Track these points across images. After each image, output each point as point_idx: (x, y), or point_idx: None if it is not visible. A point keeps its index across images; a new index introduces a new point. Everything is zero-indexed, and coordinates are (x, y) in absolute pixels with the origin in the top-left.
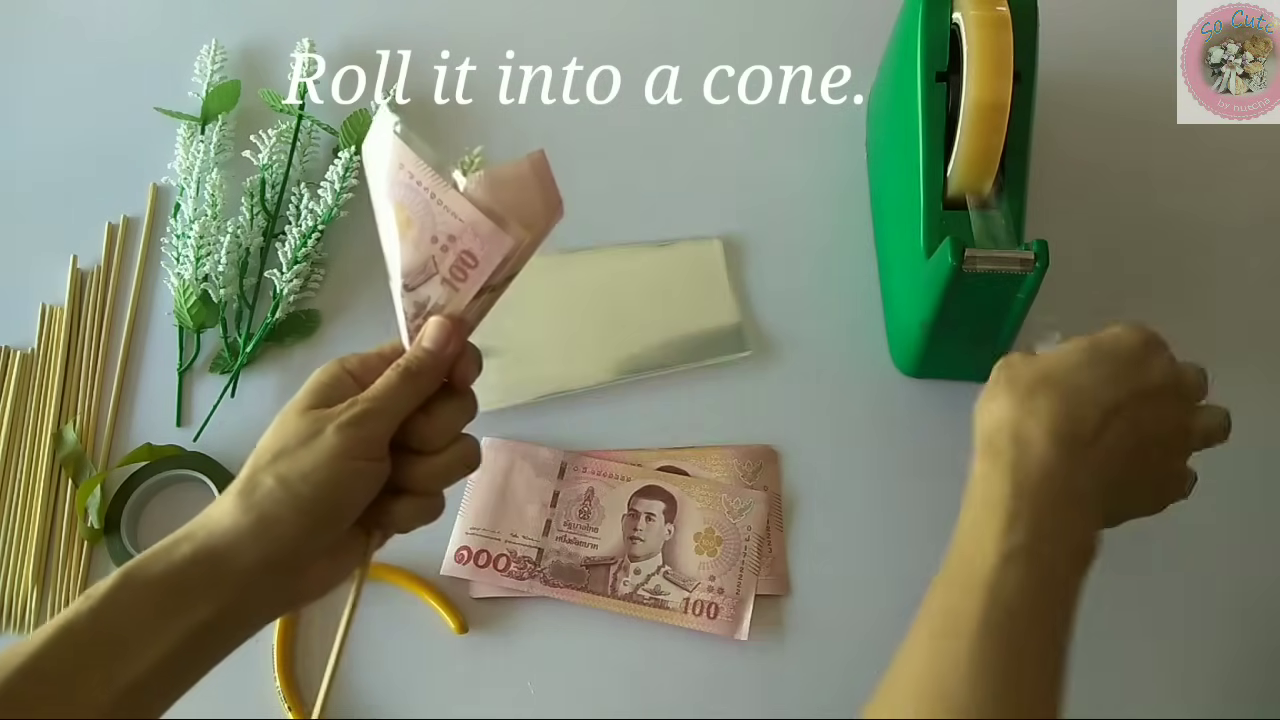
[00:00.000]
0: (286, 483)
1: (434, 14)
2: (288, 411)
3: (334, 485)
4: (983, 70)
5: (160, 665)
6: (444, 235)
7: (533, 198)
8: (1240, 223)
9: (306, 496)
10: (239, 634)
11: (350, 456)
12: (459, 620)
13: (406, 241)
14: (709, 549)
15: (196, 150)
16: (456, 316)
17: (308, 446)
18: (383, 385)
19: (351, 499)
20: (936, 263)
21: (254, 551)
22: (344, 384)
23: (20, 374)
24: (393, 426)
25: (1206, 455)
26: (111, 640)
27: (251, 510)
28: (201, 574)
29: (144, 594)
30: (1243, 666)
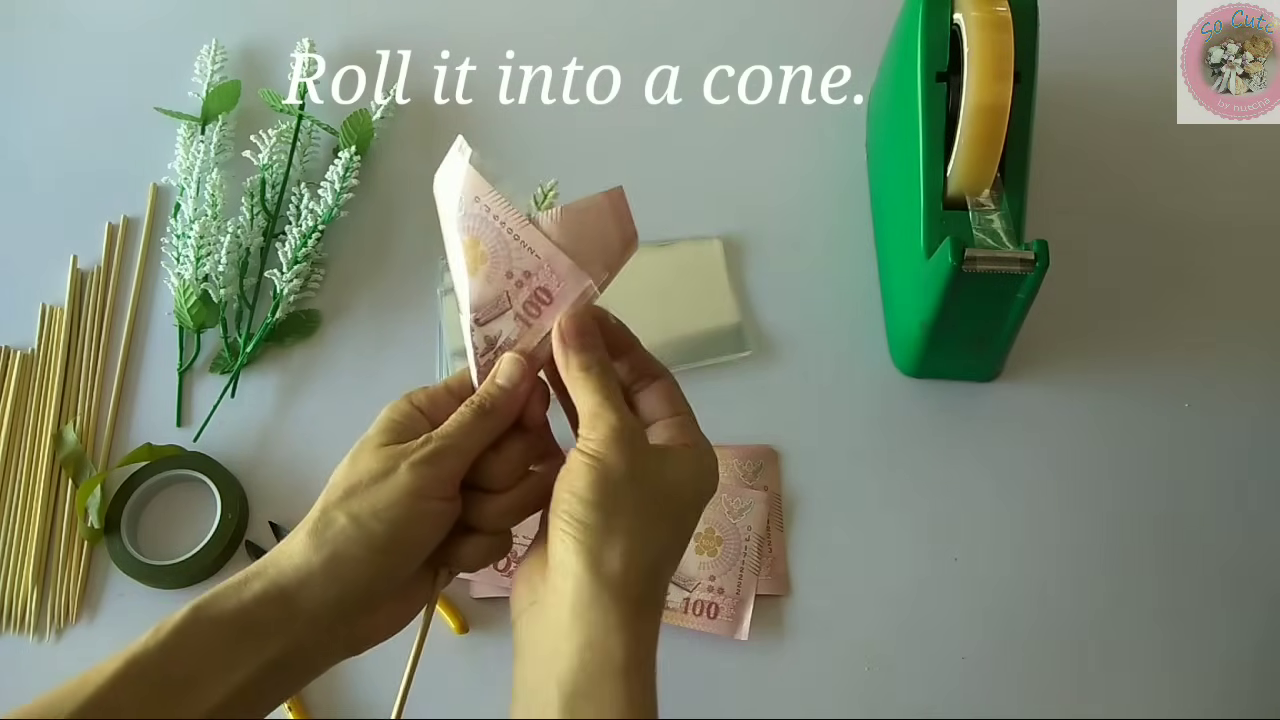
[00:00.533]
0: (359, 520)
1: (434, 14)
2: (360, 448)
3: (407, 524)
4: (983, 72)
5: (228, 703)
6: (519, 271)
7: (610, 234)
8: (1240, 223)
9: (380, 534)
10: (306, 674)
11: (423, 495)
12: (459, 620)
13: (479, 276)
14: (709, 549)
15: (196, 150)
16: (529, 353)
17: (381, 484)
18: (456, 423)
19: (424, 538)
20: (936, 263)
21: (325, 590)
22: (415, 420)
23: (20, 374)
24: (466, 464)
25: (1208, 454)
26: (181, 677)
27: (323, 548)
28: (273, 612)
29: (214, 631)
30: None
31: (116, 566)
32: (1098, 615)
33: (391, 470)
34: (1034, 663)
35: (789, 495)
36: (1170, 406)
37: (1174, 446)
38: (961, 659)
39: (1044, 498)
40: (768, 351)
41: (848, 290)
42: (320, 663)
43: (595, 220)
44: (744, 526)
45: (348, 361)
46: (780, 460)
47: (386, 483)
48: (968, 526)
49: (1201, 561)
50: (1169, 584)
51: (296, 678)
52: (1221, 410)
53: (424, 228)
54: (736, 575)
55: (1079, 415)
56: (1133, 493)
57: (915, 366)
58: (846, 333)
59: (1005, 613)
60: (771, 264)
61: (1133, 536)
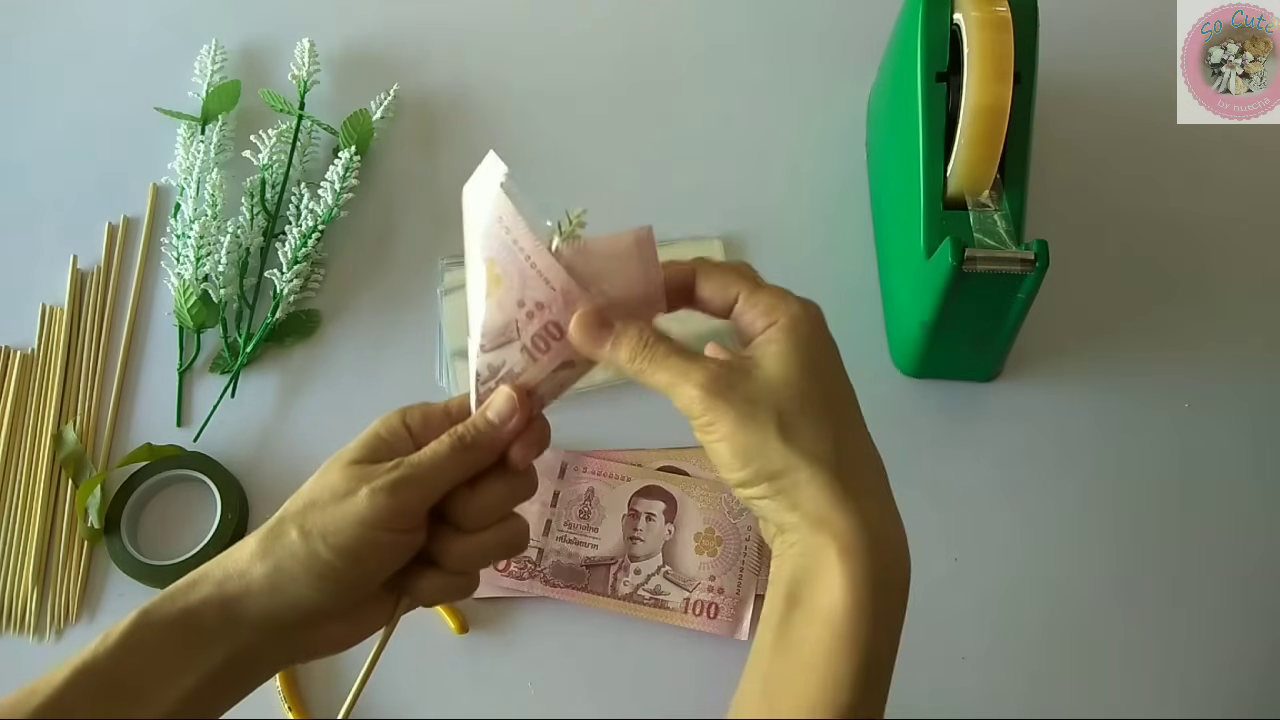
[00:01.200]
0: (309, 539)
1: (434, 14)
2: (335, 460)
3: (355, 553)
4: (983, 73)
5: (179, 707)
6: (531, 300)
7: (632, 276)
8: (1240, 223)
9: (324, 560)
10: (256, 677)
11: (377, 525)
12: (459, 620)
13: (492, 300)
14: (709, 549)
15: (196, 150)
16: (528, 389)
17: (339, 505)
18: (430, 453)
19: (373, 567)
20: (936, 263)
21: (267, 602)
22: (399, 439)
23: (20, 374)
24: (432, 498)
25: (1208, 454)
26: (129, 683)
27: (268, 559)
28: (217, 618)
29: (160, 636)
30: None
31: (116, 566)
32: (1098, 615)
33: (351, 492)
34: (1035, 663)
35: None
36: (1170, 406)
37: (1174, 446)
38: (961, 659)
39: (1044, 498)
40: None
41: (848, 290)
42: (269, 668)
43: (618, 257)
44: (744, 526)
45: (348, 361)
46: None
47: (342, 505)
48: (968, 526)
49: (1202, 562)
50: (1169, 584)
51: (246, 681)
52: (1221, 410)
53: (424, 228)
54: (736, 575)
55: (1079, 415)
56: (1133, 493)
57: (915, 366)
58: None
59: (1005, 613)
60: (771, 264)
61: (1133, 536)
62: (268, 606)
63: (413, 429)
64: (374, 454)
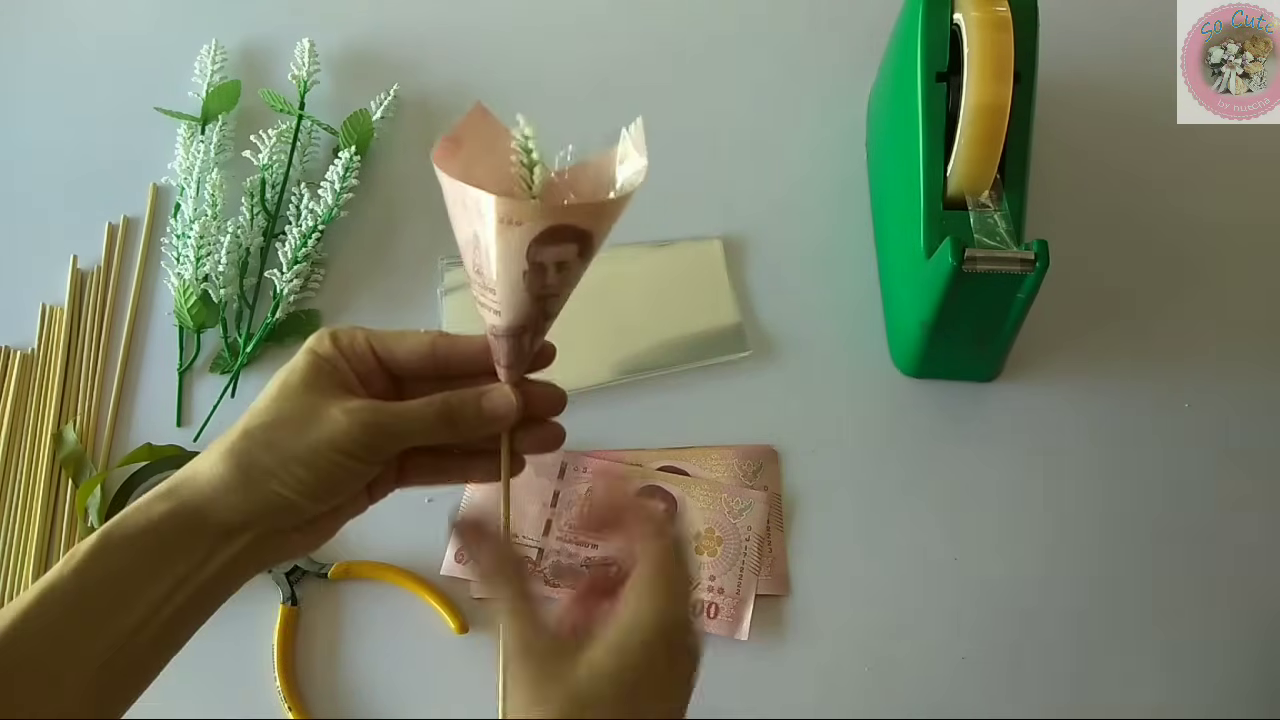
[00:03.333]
0: (278, 454)
1: (433, 14)
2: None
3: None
4: (983, 73)
5: (148, 619)
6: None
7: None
8: (1240, 223)
9: (294, 474)
10: (221, 591)
11: (348, 453)
12: (459, 620)
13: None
14: (709, 549)
15: (196, 150)
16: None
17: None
18: (415, 411)
19: (339, 486)
20: (936, 263)
21: (230, 512)
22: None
23: (20, 374)
24: (402, 447)
25: (1208, 454)
26: (95, 598)
27: (234, 472)
28: (181, 528)
29: (124, 552)
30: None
31: None
32: (1097, 615)
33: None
34: (1033, 663)
35: (789, 495)
36: (1170, 407)
37: (1174, 447)
38: (961, 659)
39: (1043, 497)
40: (768, 351)
41: (848, 290)
42: (234, 579)
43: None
44: (744, 526)
45: None
46: (780, 460)
47: (314, 425)
48: (967, 526)
49: (1201, 562)
50: (1169, 584)
51: (211, 595)
52: (1221, 410)
53: (424, 228)
54: (736, 575)
55: (1079, 415)
56: (1132, 493)
57: (915, 366)
58: (846, 333)
59: (1005, 613)
60: (771, 264)
61: (1132, 536)
62: (232, 514)
63: (343, 351)
64: (322, 377)
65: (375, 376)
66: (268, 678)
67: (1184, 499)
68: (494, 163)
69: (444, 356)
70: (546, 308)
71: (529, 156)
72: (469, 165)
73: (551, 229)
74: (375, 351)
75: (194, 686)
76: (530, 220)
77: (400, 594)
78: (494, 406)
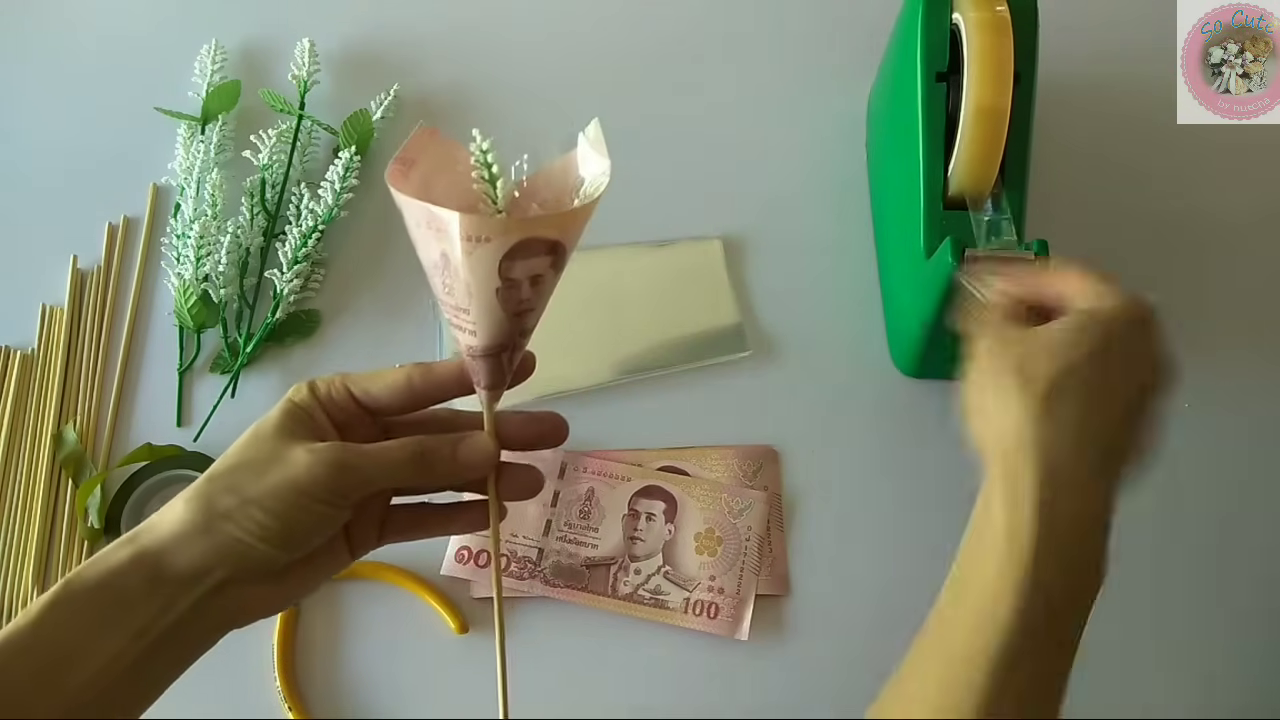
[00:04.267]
0: (241, 499)
1: (433, 14)
2: (257, 431)
3: (287, 516)
4: (983, 74)
5: (107, 671)
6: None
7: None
8: (1240, 223)
9: (256, 520)
10: (185, 647)
11: (314, 496)
12: (459, 620)
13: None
14: (709, 549)
15: (196, 150)
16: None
17: (275, 468)
18: (385, 452)
19: (302, 533)
20: (936, 263)
21: (191, 562)
22: (313, 407)
23: (20, 374)
24: (370, 491)
25: (1208, 453)
26: (53, 651)
27: (197, 518)
28: (140, 577)
29: (82, 601)
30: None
31: None
32: (1097, 615)
33: (286, 459)
34: None
35: (789, 495)
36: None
37: (1174, 446)
38: None
39: None
40: (768, 351)
41: (848, 290)
42: (199, 633)
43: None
44: (744, 526)
45: (348, 362)
46: (780, 460)
47: (278, 468)
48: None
49: (1201, 562)
50: (1168, 584)
51: (174, 649)
52: (1221, 410)
53: None
54: (736, 575)
55: None
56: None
57: (915, 366)
58: (846, 333)
59: None
60: (771, 264)
61: (1132, 536)
62: (193, 564)
63: (321, 400)
64: (294, 425)
65: (358, 424)
66: (268, 678)
67: (1184, 499)
68: (451, 179)
69: (422, 387)
70: (523, 323)
71: (489, 171)
72: (426, 184)
73: (522, 243)
74: (354, 395)
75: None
76: (499, 236)
77: (400, 594)
78: (469, 453)
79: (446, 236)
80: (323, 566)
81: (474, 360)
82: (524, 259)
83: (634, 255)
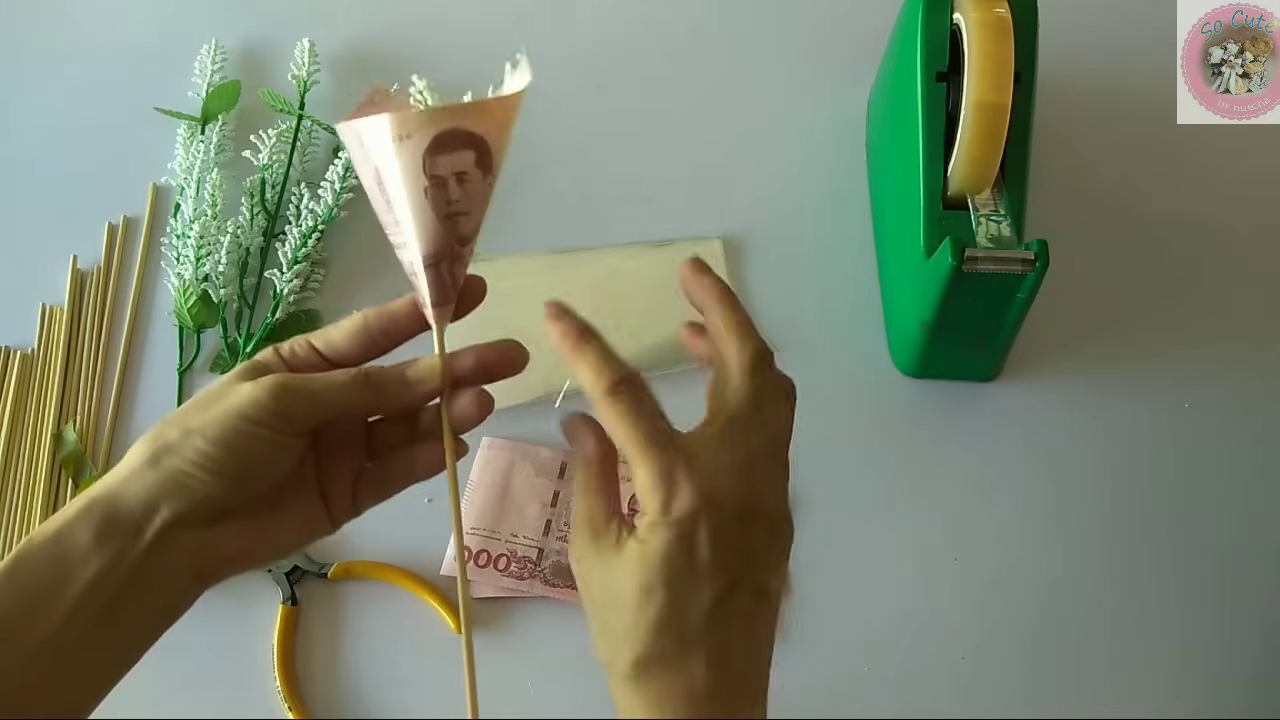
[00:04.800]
0: (187, 432)
1: (433, 14)
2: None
3: (233, 445)
4: (983, 73)
5: (66, 629)
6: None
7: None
8: (1240, 223)
9: (201, 450)
10: (150, 598)
11: (257, 421)
12: (459, 620)
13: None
14: None
15: (196, 150)
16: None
17: (219, 401)
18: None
19: (253, 464)
20: (936, 263)
21: (143, 506)
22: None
23: (20, 374)
24: (316, 415)
25: (1208, 454)
26: (14, 603)
27: (146, 461)
28: (88, 530)
29: (36, 558)
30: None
31: None
32: (1097, 615)
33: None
34: (1034, 663)
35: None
36: (1170, 406)
37: (1174, 446)
38: (961, 659)
39: (1043, 497)
40: None
41: (848, 290)
42: (162, 586)
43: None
44: None
45: None
46: None
47: (223, 400)
48: (967, 526)
49: (1202, 562)
50: (1169, 584)
51: (139, 605)
52: (1221, 410)
53: None
54: None
55: (1079, 415)
56: (1133, 493)
57: (915, 366)
58: (846, 333)
59: (1005, 613)
60: (771, 264)
61: (1132, 536)
62: (140, 502)
63: (284, 356)
64: (253, 372)
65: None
66: (268, 678)
67: (1184, 499)
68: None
69: (378, 325)
70: (458, 229)
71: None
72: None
73: (441, 135)
74: (316, 348)
75: (194, 686)
76: (419, 129)
77: (400, 594)
78: (418, 370)
79: (376, 147)
80: (293, 521)
81: (416, 278)
82: (446, 154)
83: (634, 255)
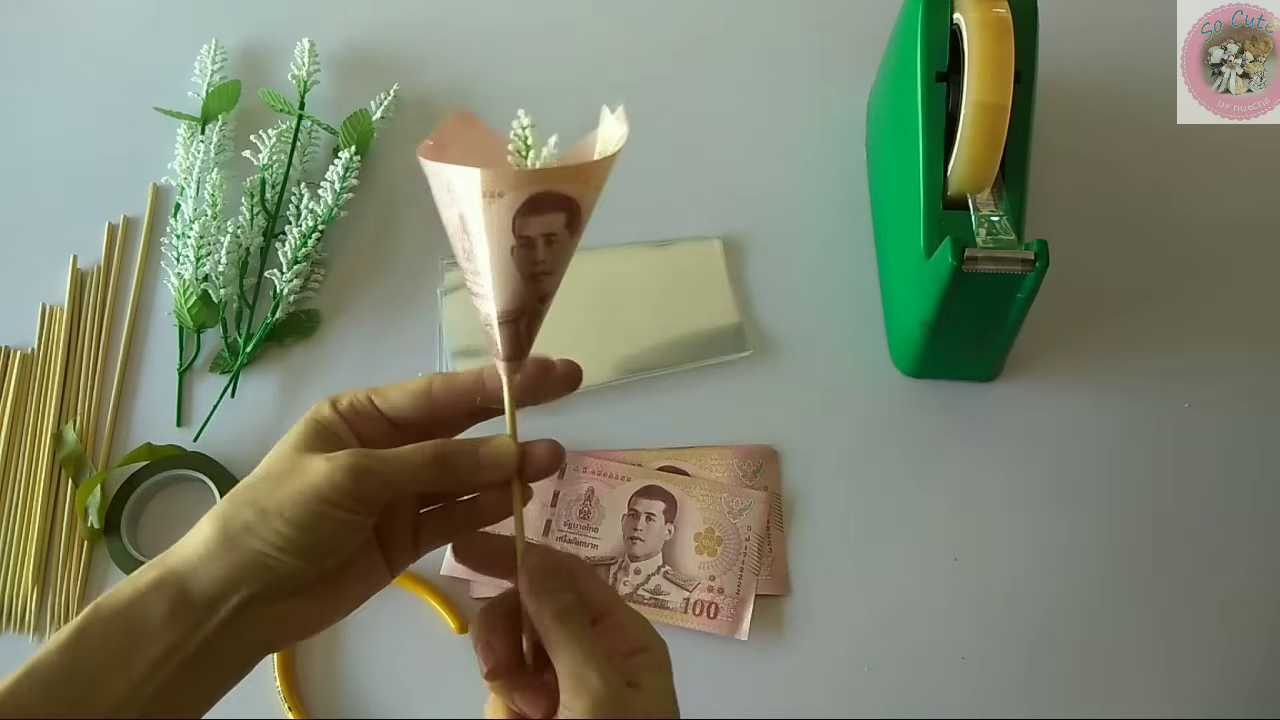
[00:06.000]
0: (263, 512)
1: (433, 14)
2: (279, 449)
3: (309, 526)
4: (984, 73)
5: (134, 697)
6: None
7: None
8: (1240, 222)
9: (278, 531)
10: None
11: (334, 503)
12: (459, 620)
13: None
14: (709, 549)
15: (196, 150)
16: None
17: (295, 478)
18: (404, 455)
19: (326, 543)
20: (936, 263)
21: (216, 581)
22: (334, 423)
23: (20, 374)
24: (392, 495)
25: (1208, 454)
26: (79, 674)
27: (220, 536)
28: (165, 597)
29: (109, 624)
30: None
31: (116, 566)
32: (1097, 615)
33: (306, 470)
34: (1034, 663)
35: (789, 495)
36: (1170, 406)
37: (1174, 446)
38: (961, 659)
39: (1044, 497)
40: (768, 351)
41: (848, 290)
42: (231, 658)
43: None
44: (744, 526)
45: (348, 361)
46: (780, 460)
47: (299, 478)
48: (968, 526)
49: (1201, 561)
50: (1169, 584)
51: (205, 671)
52: (1221, 410)
53: (424, 228)
54: (736, 575)
55: (1079, 415)
56: (1133, 493)
57: (915, 366)
58: (846, 333)
59: (1005, 612)
60: (771, 264)
61: (1133, 536)
62: (217, 582)
63: (343, 414)
64: (315, 440)
65: (382, 437)
66: (268, 678)
67: (1184, 499)
68: (482, 160)
69: (442, 392)
70: (540, 288)
71: (525, 143)
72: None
73: (535, 197)
74: (376, 405)
75: None
76: (513, 190)
77: (400, 594)
78: (493, 451)
79: (465, 197)
80: (358, 583)
81: (491, 330)
82: (538, 215)
83: (634, 255)
